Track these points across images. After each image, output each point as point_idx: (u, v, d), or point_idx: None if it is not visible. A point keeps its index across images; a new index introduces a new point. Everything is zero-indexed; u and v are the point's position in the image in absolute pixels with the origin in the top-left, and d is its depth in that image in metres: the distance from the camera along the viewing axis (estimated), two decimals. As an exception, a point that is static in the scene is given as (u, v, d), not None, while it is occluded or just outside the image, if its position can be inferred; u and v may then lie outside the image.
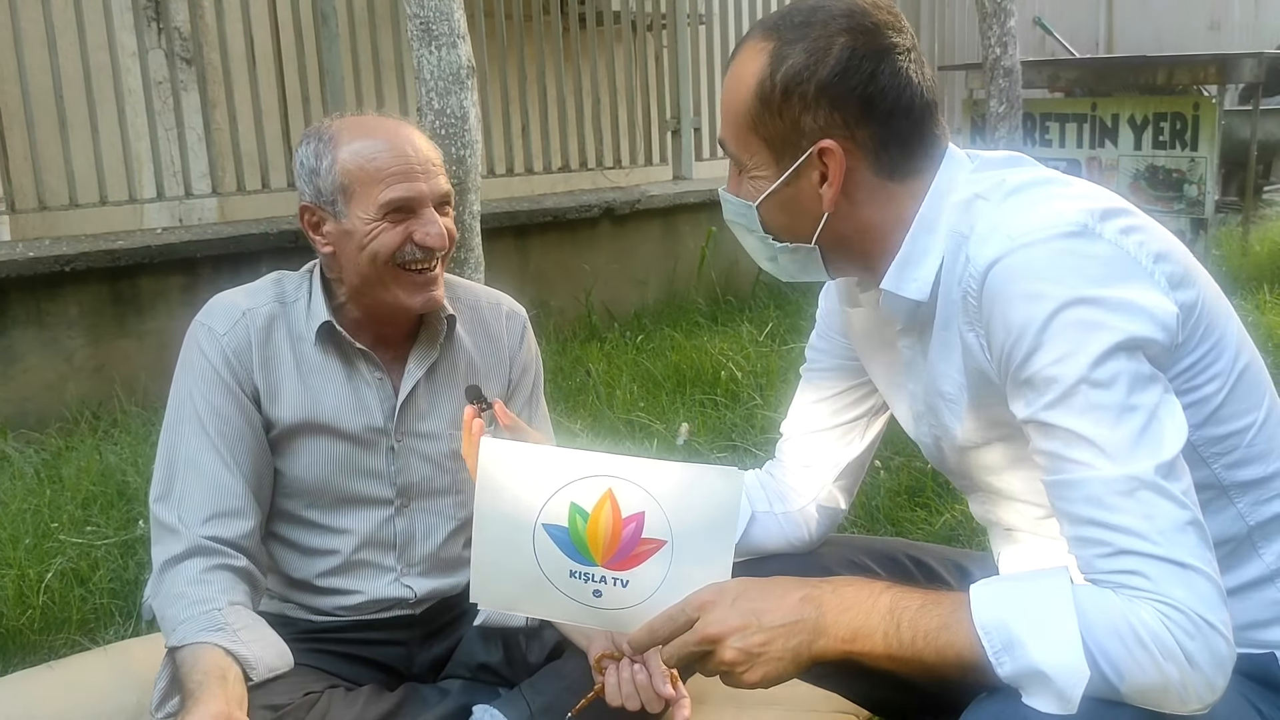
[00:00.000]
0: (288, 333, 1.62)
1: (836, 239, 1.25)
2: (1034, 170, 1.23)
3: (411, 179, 1.54)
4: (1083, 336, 1.05)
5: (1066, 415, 1.05)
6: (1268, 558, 1.18)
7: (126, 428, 3.41)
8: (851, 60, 1.17)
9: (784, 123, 1.19)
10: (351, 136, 1.57)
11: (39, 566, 2.40)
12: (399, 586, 1.67)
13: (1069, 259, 1.08)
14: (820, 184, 1.21)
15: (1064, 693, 0.99)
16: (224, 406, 1.56)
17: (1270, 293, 4.68)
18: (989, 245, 1.12)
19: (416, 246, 1.55)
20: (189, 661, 1.41)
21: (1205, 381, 1.14)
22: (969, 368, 1.20)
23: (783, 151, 1.21)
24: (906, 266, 1.23)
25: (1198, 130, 5.25)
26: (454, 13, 3.02)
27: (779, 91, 1.19)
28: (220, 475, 1.54)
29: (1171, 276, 1.12)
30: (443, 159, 1.65)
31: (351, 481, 1.65)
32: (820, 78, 1.17)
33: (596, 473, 1.20)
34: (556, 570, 1.22)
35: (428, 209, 1.56)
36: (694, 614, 1.14)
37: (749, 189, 1.26)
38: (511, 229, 4.69)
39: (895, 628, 1.07)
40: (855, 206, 1.22)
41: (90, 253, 3.68)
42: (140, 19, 4.18)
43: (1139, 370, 1.05)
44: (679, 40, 5.57)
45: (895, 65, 1.18)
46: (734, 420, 3.40)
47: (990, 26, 4.78)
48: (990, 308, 1.12)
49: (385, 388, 1.65)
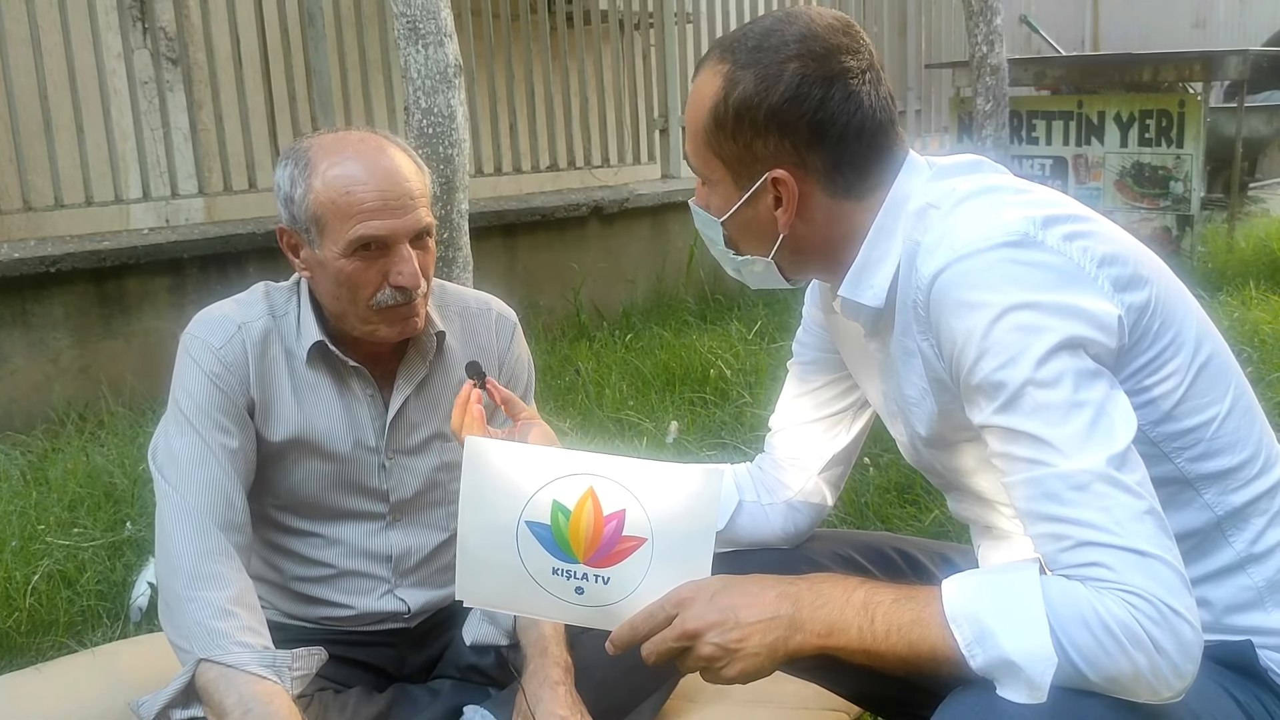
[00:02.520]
0: (281, 348, 1.59)
1: (795, 254, 1.28)
2: (987, 177, 1.25)
3: (384, 215, 1.47)
4: (1024, 340, 1.07)
5: (1016, 417, 1.07)
6: (1238, 545, 1.20)
7: (113, 429, 3.40)
8: (801, 87, 1.19)
9: (738, 146, 1.22)
10: (328, 163, 1.49)
11: (26, 569, 2.39)
12: (392, 599, 1.67)
13: (1009, 268, 1.10)
14: (775, 207, 1.24)
15: (1033, 681, 1.00)
16: (221, 419, 1.53)
17: (1256, 289, 4.71)
18: (934, 256, 1.15)
19: (392, 288, 1.50)
20: (259, 700, 1.38)
21: (1161, 380, 1.16)
22: (929, 375, 1.22)
23: (740, 173, 1.24)
24: (863, 274, 1.25)
25: (1183, 127, 5.28)
26: (441, 11, 3.01)
27: (731, 116, 1.21)
28: (224, 485, 1.51)
29: (1118, 280, 1.14)
30: (426, 158, 1.63)
31: (343, 497, 1.64)
32: (770, 104, 1.19)
33: (578, 471, 1.21)
34: (539, 568, 1.23)
35: (402, 246, 1.49)
36: (673, 610, 1.16)
37: (714, 204, 1.30)
38: (500, 228, 4.69)
39: (869, 622, 1.09)
40: (811, 226, 1.25)
41: (76, 253, 3.66)
42: (125, 19, 4.16)
43: (1082, 367, 1.07)
44: (666, 39, 5.58)
45: (847, 89, 1.19)
46: (723, 418, 3.40)
47: (977, 24, 4.79)
48: (937, 318, 1.14)
49: (377, 404, 1.63)
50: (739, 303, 5.02)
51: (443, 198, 3.00)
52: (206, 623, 1.42)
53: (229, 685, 1.40)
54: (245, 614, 1.45)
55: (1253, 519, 1.20)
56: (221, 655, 1.41)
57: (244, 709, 1.37)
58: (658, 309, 4.98)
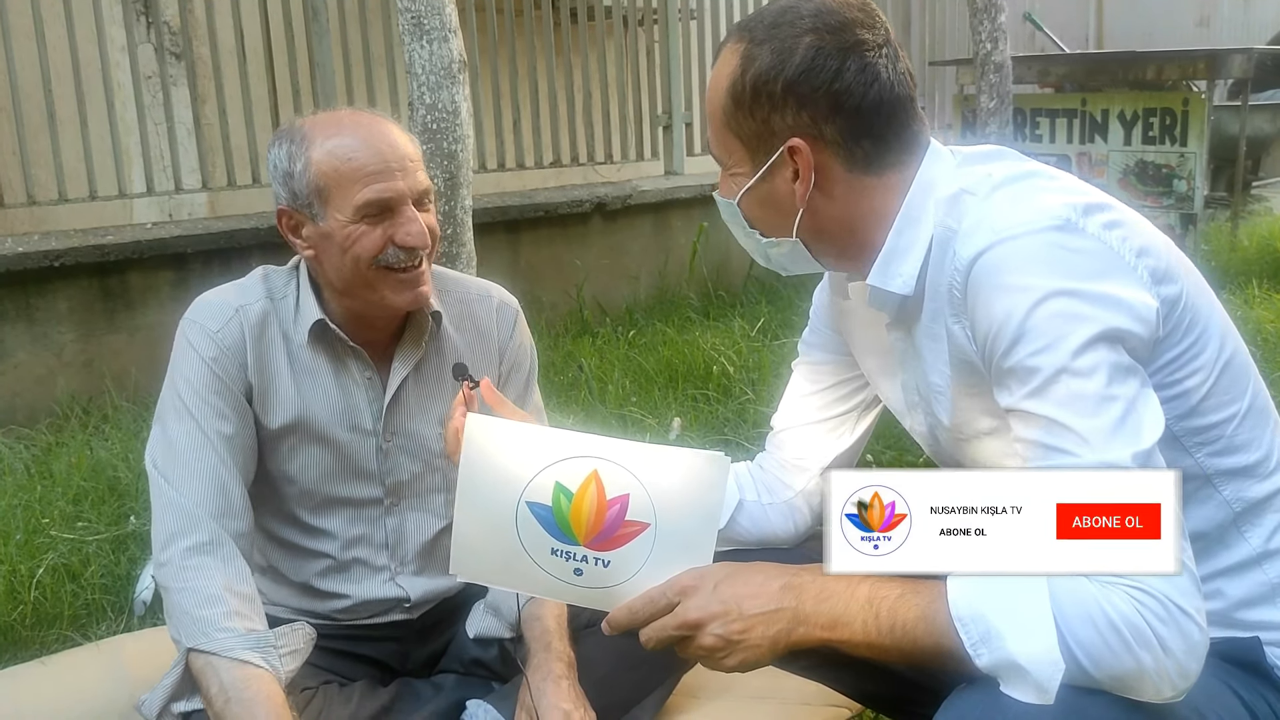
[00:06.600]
0: (279, 331, 1.59)
1: (816, 232, 1.27)
2: (1019, 163, 1.25)
3: (388, 177, 1.49)
4: (1064, 327, 1.07)
5: (1047, 404, 1.07)
6: (1254, 541, 1.21)
7: (117, 423, 3.40)
8: (817, 59, 1.19)
9: (755, 121, 1.23)
10: (325, 135, 1.51)
11: (30, 562, 2.40)
12: (393, 586, 1.67)
13: (1052, 252, 1.10)
14: (794, 180, 1.24)
15: (1041, 685, 1.00)
16: (219, 405, 1.53)
17: (1259, 288, 4.70)
18: (974, 239, 1.14)
19: (398, 248, 1.51)
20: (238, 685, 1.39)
21: (1189, 374, 1.16)
22: (955, 359, 1.22)
23: (757, 149, 1.25)
24: (891, 262, 1.25)
25: (1187, 126, 5.27)
26: (445, 7, 3.01)
27: (748, 91, 1.22)
28: (219, 474, 1.51)
29: (1154, 271, 1.14)
30: (430, 153, 1.63)
31: (341, 482, 1.64)
32: (787, 76, 1.20)
33: (582, 453, 1.20)
34: (538, 547, 1.22)
35: (406, 207, 1.50)
36: (675, 598, 1.15)
37: (730, 187, 1.30)
38: (503, 224, 4.68)
39: (874, 617, 1.09)
40: (830, 201, 1.25)
41: (79, 248, 3.66)
42: (129, 13, 4.16)
43: (1119, 361, 1.07)
44: (670, 35, 5.57)
45: (863, 61, 1.20)
46: (726, 415, 3.40)
47: (981, 22, 4.79)
48: (974, 299, 1.13)
49: (375, 387, 1.63)
50: (742, 299, 5.02)
51: (446, 193, 3.00)
52: (192, 611, 1.43)
53: (213, 673, 1.41)
54: (232, 600, 1.44)
55: (1268, 515, 1.20)
56: (206, 643, 1.41)
57: (225, 697, 1.38)
58: (661, 305, 4.97)
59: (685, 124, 5.63)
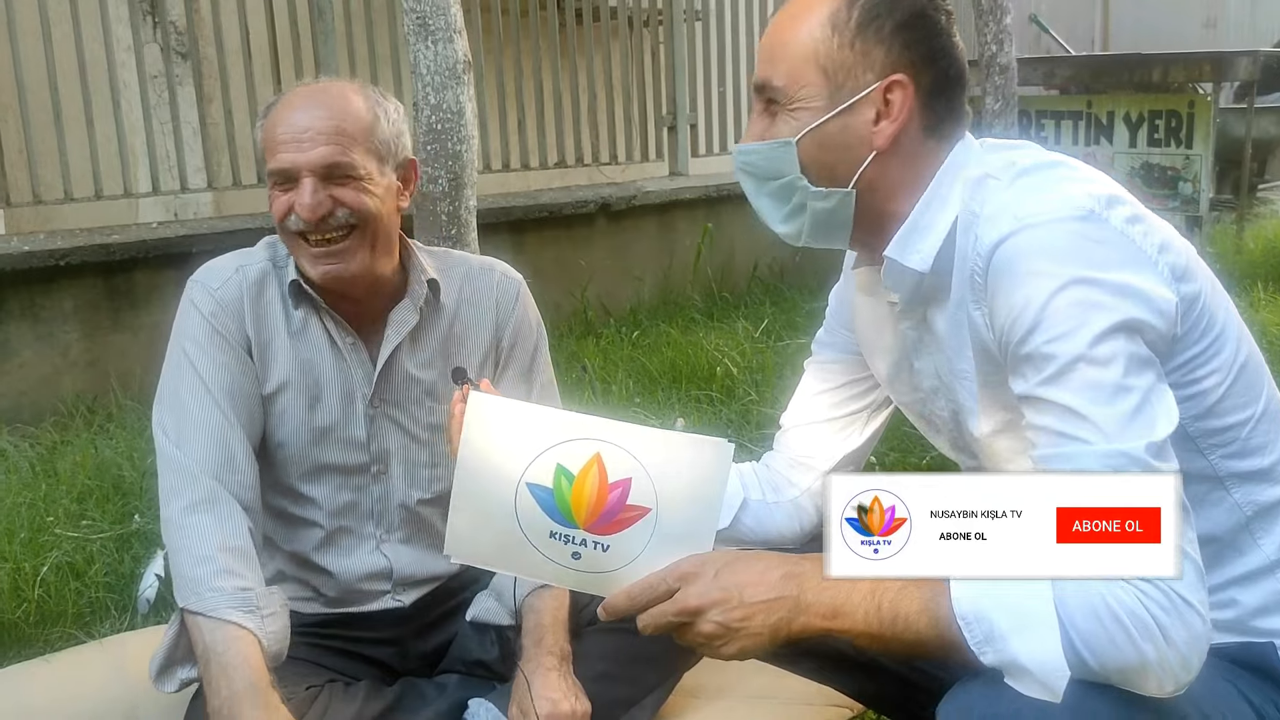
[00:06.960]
0: (279, 293, 1.62)
1: (869, 186, 1.24)
2: (1043, 153, 1.25)
3: (290, 149, 1.52)
4: (1083, 315, 1.07)
5: (1062, 391, 1.07)
6: (1267, 548, 1.20)
7: (122, 422, 3.41)
8: (928, 9, 1.22)
9: (853, 53, 1.21)
10: (277, 106, 1.58)
11: (34, 560, 2.40)
12: (379, 556, 1.67)
13: (1075, 241, 1.10)
14: (876, 121, 1.21)
15: (1047, 685, 1.00)
16: (223, 358, 1.57)
17: (1265, 290, 4.69)
18: (997, 225, 1.14)
19: (298, 216, 1.54)
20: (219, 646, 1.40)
21: (1206, 375, 1.16)
22: (976, 346, 1.21)
23: (842, 84, 1.21)
24: (911, 236, 1.24)
25: (1193, 128, 5.27)
26: (451, 8, 3.01)
27: (855, 21, 1.21)
28: (221, 428, 1.54)
29: (1175, 268, 1.14)
30: (434, 153, 1.64)
31: (329, 448, 1.64)
32: (898, 17, 1.21)
33: (585, 436, 1.19)
34: (536, 530, 1.21)
35: (305, 180, 1.52)
36: (675, 584, 1.15)
37: (787, 126, 1.23)
38: (507, 224, 4.69)
39: (876, 608, 1.08)
40: (897, 158, 1.23)
41: (85, 247, 3.67)
42: (135, 13, 4.17)
43: (1136, 352, 1.07)
44: (675, 36, 5.57)
45: (951, 28, 1.23)
46: (730, 416, 3.40)
47: (986, 24, 4.77)
48: (995, 285, 1.13)
49: (359, 352, 1.64)
50: (746, 301, 5.02)
51: (451, 194, 3.00)
52: (185, 571, 1.45)
53: (199, 633, 1.42)
54: (224, 557, 1.45)
55: None
56: (196, 601, 1.43)
57: (207, 658, 1.40)
58: (665, 306, 4.97)
59: (690, 125, 5.62)
